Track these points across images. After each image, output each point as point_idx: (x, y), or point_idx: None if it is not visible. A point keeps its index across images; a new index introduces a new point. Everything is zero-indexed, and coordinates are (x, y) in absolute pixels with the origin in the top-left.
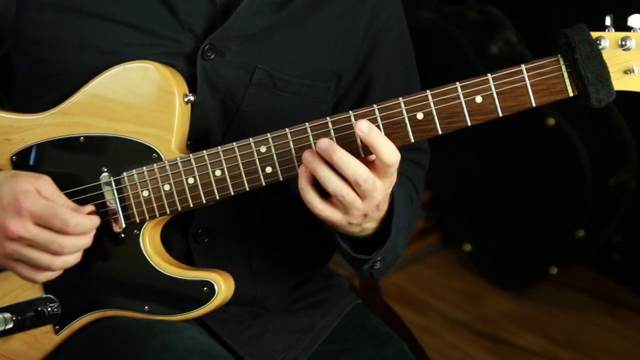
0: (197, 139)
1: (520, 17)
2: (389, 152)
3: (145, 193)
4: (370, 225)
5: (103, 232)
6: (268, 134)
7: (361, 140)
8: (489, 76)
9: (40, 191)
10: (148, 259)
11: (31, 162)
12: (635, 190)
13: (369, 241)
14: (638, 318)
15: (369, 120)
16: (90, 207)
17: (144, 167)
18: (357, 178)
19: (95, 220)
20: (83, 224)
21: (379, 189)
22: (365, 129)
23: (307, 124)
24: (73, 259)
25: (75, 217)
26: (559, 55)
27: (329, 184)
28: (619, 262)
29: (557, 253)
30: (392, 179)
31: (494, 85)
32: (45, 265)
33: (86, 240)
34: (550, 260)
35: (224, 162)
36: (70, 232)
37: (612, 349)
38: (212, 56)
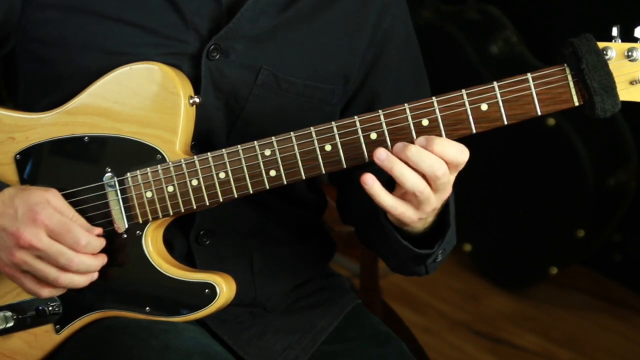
0: (201, 140)
1: (520, 17)
2: (458, 152)
3: (149, 194)
4: (431, 219)
5: (106, 233)
6: (273, 138)
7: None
8: (495, 84)
9: (49, 202)
10: (150, 260)
11: (35, 161)
12: (635, 190)
13: (418, 237)
14: (638, 318)
15: (374, 124)
16: (99, 230)
17: (148, 168)
18: (435, 171)
19: (102, 242)
20: (93, 244)
21: (451, 182)
22: (423, 141)
23: (312, 128)
24: (79, 279)
25: (87, 236)
26: (565, 65)
27: (406, 181)
28: (619, 262)
29: (557, 253)
30: (457, 171)
31: (500, 93)
32: (52, 278)
33: (93, 262)
34: (550, 260)
35: (228, 164)
36: (81, 250)
37: (612, 349)
38: (217, 56)
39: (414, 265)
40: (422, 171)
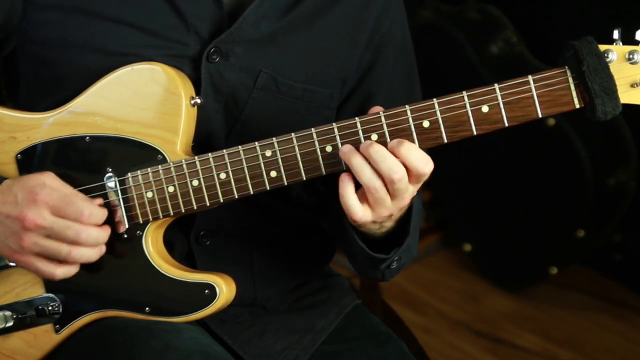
0: (200, 142)
1: (520, 17)
2: (421, 161)
3: (150, 194)
4: (389, 225)
5: None
6: (274, 138)
7: (392, 153)
8: (496, 86)
9: (47, 183)
10: (150, 260)
11: (36, 161)
12: (635, 190)
13: (379, 241)
14: (638, 318)
15: (375, 126)
16: (99, 200)
17: (149, 169)
18: (391, 175)
19: (105, 213)
20: (96, 214)
21: (410, 191)
22: (394, 143)
23: (312, 129)
24: (90, 253)
25: (89, 207)
26: (566, 67)
27: (362, 175)
28: (619, 262)
29: (557, 253)
30: (419, 185)
31: (501, 95)
32: (64, 254)
33: (100, 233)
34: (550, 260)
35: (228, 165)
36: (85, 221)
37: (612, 349)
38: (217, 59)
39: (370, 269)
40: (380, 172)
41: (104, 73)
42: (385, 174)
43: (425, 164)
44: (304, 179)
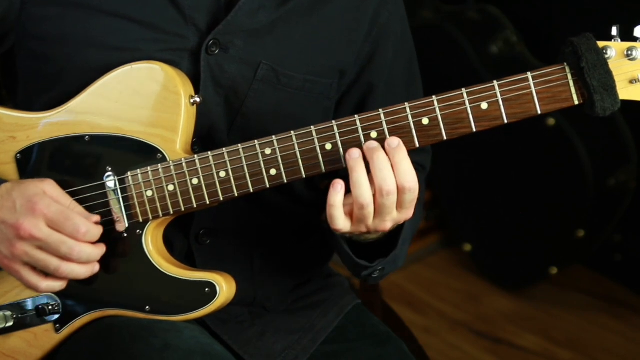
0: (202, 137)
1: (520, 17)
2: (409, 175)
3: (149, 193)
4: (371, 236)
5: (106, 232)
6: (273, 136)
7: (388, 154)
8: (495, 83)
9: (46, 192)
10: (150, 259)
11: (36, 160)
12: (635, 190)
13: (367, 246)
14: (638, 318)
15: (374, 123)
16: (96, 217)
17: (149, 167)
18: (382, 185)
19: (101, 230)
20: (92, 232)
21: (392, 216)
22: (394, 144)
23: (312, 127)
24: (80, 269)
25: (86, 224)
26: (565, 64)
27: (358, 189)
28: (619, 262)
29: (557, 253)
30: (407, 213)
31: (500, 92)
32: (53, 268)
33: (93, 250)
34: (550, 260)
35: (228, 163)
36: (80, 238)
37: (612, 349)
38: (217, 51)
39: (352, 271)
40: (375, 178)
41: (103, 68)
42: (380, 181)
43: (411, 179)
44: (304, 176)
